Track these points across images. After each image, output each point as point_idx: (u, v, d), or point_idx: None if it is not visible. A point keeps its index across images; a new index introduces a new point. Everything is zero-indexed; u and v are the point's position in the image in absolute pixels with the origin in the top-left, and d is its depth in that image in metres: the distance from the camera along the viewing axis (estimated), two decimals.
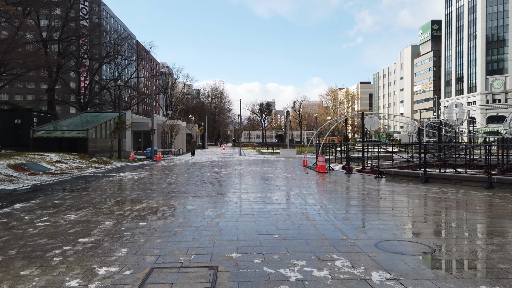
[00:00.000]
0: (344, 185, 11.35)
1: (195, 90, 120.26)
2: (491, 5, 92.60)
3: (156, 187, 11.02)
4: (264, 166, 19.78)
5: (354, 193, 9.71)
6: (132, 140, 36.65)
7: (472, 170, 15.02)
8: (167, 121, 37.99)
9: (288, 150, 30.77)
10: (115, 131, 23.30)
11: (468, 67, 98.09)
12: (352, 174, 14.86)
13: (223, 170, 17.43)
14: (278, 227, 5.83)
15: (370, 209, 7.37)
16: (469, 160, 27.30)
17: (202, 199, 8.64)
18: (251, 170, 17.49)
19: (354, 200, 8.62)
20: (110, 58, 38.99)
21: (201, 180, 12.95)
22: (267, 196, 9.16)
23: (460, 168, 14.18)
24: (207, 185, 11.49)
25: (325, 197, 8.99)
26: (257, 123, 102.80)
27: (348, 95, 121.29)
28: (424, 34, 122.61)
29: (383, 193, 9.64)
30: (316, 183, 11.98)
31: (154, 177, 13.91)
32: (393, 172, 12.79)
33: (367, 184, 11.51)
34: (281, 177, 14.02)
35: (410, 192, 9.71)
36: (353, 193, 9.71)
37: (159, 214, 6.93)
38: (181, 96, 65.22)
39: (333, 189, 10.48)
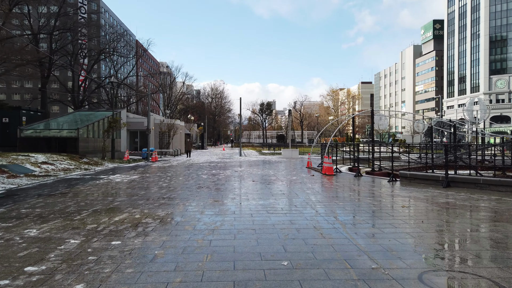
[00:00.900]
0: (356, 190, 10.11)
1: (195, 90, 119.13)
2: (494, 4, 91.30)
3: (145, 192, 9.78)
4: (265, 168, 18.54)
5: (369, 200, 8.46)
6: (128, 140, 35.43)
7: (487, 172, 13.79)
8: (165, 120, 36.76)
9: (290, 151, 29.53)
10: (108, 131, 22.06)
11: (471, 67, 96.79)
12: (361, 177, 13.62)
13: (222, 172, 16.19)
14: (287, 249, 4.59)
15: (395, 222, 6.12)
16: (480, 161, 26.08)
17: (195, 208, 7.40)
18: (251, 172, 16.26)
19: (372, 209, 7.38)
20: (106, 55, 37.70)
21: (196, 183, 11.71)
22: (270, 204, 7.92)
23: (474, 170, 12.94)
24: (202, 189, 10.25)
25: (338, 205, 7.75)
26: (258, 123, 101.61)
27: (349, 95, 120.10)
28: (426, 33, 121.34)
29: (403, 200, 8.39)
30: (324, 188, 10.74)
31: (146, 180, 12.67)
32: (409, 175, 11.54)
33: (381, 189, 10.26)
34: (284, 180, 12.78)
35: (434, 199, 8.47)
36: (368, 200, 8.47)
37: (140, 228, 5.69)
38: (180, 96, 63.95)
39: (345, 195, 9.23)
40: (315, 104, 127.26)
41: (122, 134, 29.38)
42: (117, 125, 22.36)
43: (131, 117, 35.49)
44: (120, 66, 47.42)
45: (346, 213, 6.86)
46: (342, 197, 8.98)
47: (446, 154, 10.30)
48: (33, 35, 28.52)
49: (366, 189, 10.26)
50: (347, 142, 39.09)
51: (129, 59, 46.27)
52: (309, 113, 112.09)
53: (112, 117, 22.62)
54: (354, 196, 9.09)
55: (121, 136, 29.04)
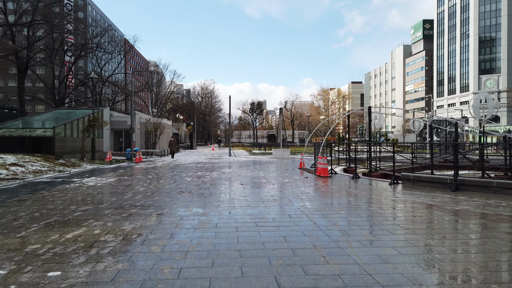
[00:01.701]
0: (356, 195, 9.01)
1: (185, 90, 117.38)
2: (483, 4, 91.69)
3: (116, 198, 8.54)
4: (255, 169, 17.39)
5: (374, 207, 7.37)
6: (112, 140, 33.94)
7: (491, 172, 12.88)
8: (151, 119, 35.32)
9: (281, 151, 28.43)
10: (87, 130, 20.63)
11: (461, 67, 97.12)
12: (359, 179, 12.56)
13: (208, 174, 14.98)
14: (281, 282, 3.44)
15: (412, 238, 5.02)
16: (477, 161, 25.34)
17: (170, 219, 6.21)
18: (240, 173, 15.09)
19: (379, 220, 6.28)
20: (88, 50, 35.98)
21: (178, 187, 10.49)
22: (260, 213, 6.77)
23: (481, 171, 12.00)
24: (183, 195, 9.05)
25: (339, 214, 6.63)
26: (248, 123, 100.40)
27: (339, 95, 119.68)
28: (416, 33, 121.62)
29: (413, 207, 7.32)
30: (321, 192, 9.63)
31: (122, 184, 11.40)
32: (413, 178, 10.50)
33: (384, 194, 9.19)
34: (276, 183, 11.64)
35: (447, 205, 7.42)
36: (373, 207, 7.38)
37: (94, 250, 4.48)
38: (168, 94, 62.26)
39: (345, 202, 8.12)
40: (305, 104, 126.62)
41: (105, 134, 27.94)
42: (97, 123, 20.95)
43: (115, 116, 34.01)
44: (105, 63, 45.64)
45: (351, 226, 5.73)
46: (342, 204, 7.86)
47: (456, 153, 9.27)
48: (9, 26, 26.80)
49: (367, 194, 9.17)
50: (339, 141, 38.16)
51: (115, 55, 44.54)
52: (300, 112, 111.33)
53: (92, 115, 21.17)
54: (355, 202, 7.99)
55: (104, 136, 27.60)
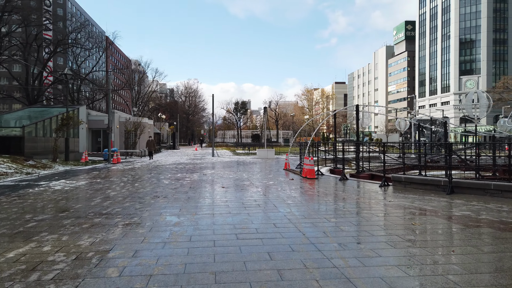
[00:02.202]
0: (345, 199, 8.35)
1: (168, 89, 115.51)
2: (464, 6, 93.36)
3: (81, 205, 7.63)
4: (239, 170, 16.61)
5: (367, 213, 6.71)
6: (90, 140, 32.56)
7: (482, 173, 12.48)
8: (131, 118, 34.06)
9: (266, 151, 27.73)
10: (60, 129, 19.41)
11: (442, 67, 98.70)
12: (347, 180, 11.94)
13: (188, 176, 14.12)
14: None
15: (416, 252, 4.35)
16: (460, 161, 25.15)
17: (137, 231, 5.38)
18: (223, 175, 14.28)
19: (375, 229, 5.61)
20: (64, 46, 34.34)
21: (153, 191, 9.62)
22: (242, 221, 6.01)
23: (476, 172, 11.57)
24: (158, 200, 8.20)
25: (330, 223, 5.93)
26: (232, 123, 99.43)
27: (323, 95, 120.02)
28: (398, 34, 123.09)
29: (409, 213, 6.69)
30: (308, 196, 8.93)
31: (93, 188, 10.44)
32: (404, 179, 9.93)
33: (375, 197, 8.57)
34: (260, 185, 10.89)
35: (445, 210, 6.83)
36: (366, 213, 6.72)
37: (34, 276, 3.63)
38: (150, 93, 60.64)
39: (334, 207, 7.44)
40: (290, 104, 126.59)
41: (81, 133, 26.64)
42: (71, 122, 19.75)
43: (93, 115, 32.65)
44: (84, 60, 43.85)
45: (345, 238, 5.03)
46: (332, 210, 7.17)
47: (450, 154, 8.73)
48: None
49: (357, 198, 8.52)
50: (323, 141, 37.74)
51: (93, 52, 42.86)
52: (284, 112, 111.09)
53: (65, 114, 19.95)
54: (346, 208, 7.31)
55: (80, 136, 26.30)
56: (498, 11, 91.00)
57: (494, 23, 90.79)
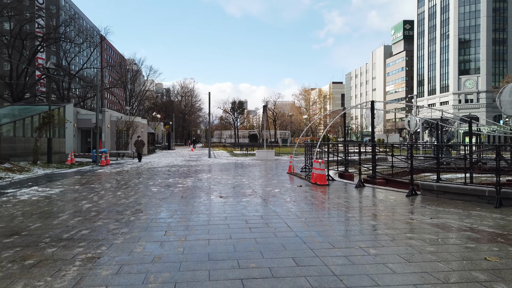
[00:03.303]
0: (375, 216, 6.76)
1: (164, 89, 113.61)
2: (463, 5, 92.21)
3: (39, 225, 5.96)
4: (237, 174, 14.97)
5: (411, 239, 5.11)
6: (79, 140, 30.82)
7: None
8: (123, 117, 32.30)
9: (266, 152, 26.11)
10: (41, 128, 17.67)
11: (441, 67, 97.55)
12: (364, 187, 10.35)
13: (181, 181, 12.47)
14: None
15: None
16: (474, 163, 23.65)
17: (97, 275, 3.73)
18: (220, 180, 12.65)
19: (440, 268, 4.00)
20: (51, 41, 32.44)
21: (136, 203, 7.97)
22: (249, 254, 4.38)
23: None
24: (139, 217, 6.56)
25: (369, 257, 4.31)
26: (229, 123, 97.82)
27: (321, 95, 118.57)
28: (396, 33, 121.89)
29: (464, 238, 5.10)
30: (326, 211, 7.32)
31: (64, 198, 8.77)
32: (437, 188, 8.34)
33: (409, 211, 6.98)
34: (264, 195, 9.27)
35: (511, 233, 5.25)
36: (409, 239, 5.12)
37: None
38: (144, 91, 58.67)
39: (364, 228, 5.83)
40: (287, 104, 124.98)
41: (67, 133, 24.87)
42: (53, 121, 18.02)
43: (82, 114, 30.87)
44: (74, 56, 41.90)
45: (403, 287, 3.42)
46: (364, 232, 5.55)
47: (498, 158, 7.14)
48: None
49: (388, 213, 6.93)
50: (326, 142, 36.13)
51: (84, 48, 40.94)
52: (282, 112, 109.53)
53: (47, 112, 18.20)
54: (381, 229, 5.70)
55: (67, 135, 24.54)
56: (498, 10, 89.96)
57: (493, 23, 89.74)
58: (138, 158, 24.53)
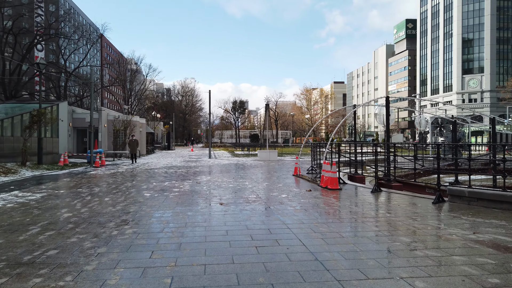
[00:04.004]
0: (402, 228, 5.70)
1: (165, 88, 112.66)
2: (467, 3, 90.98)
3: (3, 240, 4.92)
4: (239, 176, 13.91)
5: (463, 265, 4.05)
6: (75, 140, 29.80)
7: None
8: (120, 116, 31.27)
9: (268, 152, 25.04)
10: (30, 127, 16.62)
11: (444, 66, 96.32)
12: (380, 192, 9.28)
13: (178, 185, 11.41)
14: None
15: None
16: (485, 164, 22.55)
17: None
18: (220, 183, 11.59)
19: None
20: (46, 37, 31.38)
21: (123, 212, 6.91)
22: (255, 284, 3.34)
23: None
24: (123, 230, 5.51)
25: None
26: (230, 123, 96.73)
27: (322, 95, 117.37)
28: (398, 33, 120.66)
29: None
30: (345, 224, 6.24)
31: (43, 205, 7.72)
32: (469, 194, 7.28)
33: (443, 223, 5.92)
34: (270, 201, 8.21)
35: None
36: (460, 265, 4.06)
37: None
38: (143, 90, 57.49)
39: (397, 248, 4.77)
40: (288, 104, 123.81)
41: (61, 132, 23.83)
42: (43, 119, 16.97)
43: (79, 112, 29.85)
44: (71, 53, 40.82)
45: None
46: (399, 254, 4.49)
47: None
48: None
49: (417, 225, 5.85)
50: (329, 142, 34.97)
51: (80, 45, 39.83)
52: (283, 112, 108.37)
53: (37, 110, 17.14)
54: (419, 249, 4.63)
55: (61, 135, 23.49)
56: (502, 9, 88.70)
57: (497, 21, 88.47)
58: (132, 159, 22.83)
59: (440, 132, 24.04)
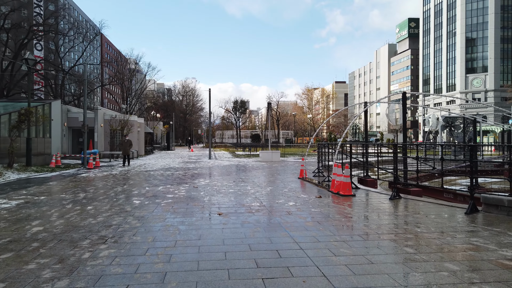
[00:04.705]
0: (444, 251, 4.64)
1: (166, 88, 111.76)
2: (470, 2, 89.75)
3: None
4: (240, 179, 12.86)
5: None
6: (70, 140, 28.81)
7: None
8: (117, 116, 30.24)
9: (270, 152, 23.98)
10: (18, 127, 15.59)
11: (447, 65, 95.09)
12: (400, 199, 8.22)
13: (173, 189, 10.36)
14: None
15: None
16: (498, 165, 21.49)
17: None
18: (220, 188, 10.53)
19: None
20: (37, 33, 30.35)
21: (105, 225, 5.87)
22: None
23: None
24: (96, 253, 4.46)
25: None
26: (231, 123, 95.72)
27: (324, 94, 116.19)
28: (401, 32, 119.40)
29: None
30: (371, 242, 5.19)
31: (15, 216, 6.67)
32: (508, 203, 6.21)
33: (486, 241, 4.87)
34: (276, 211, 7.15)
35: None
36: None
37: None
38: (143, 88, 56.33)
39: (451, 281, 3.72)
40: (289, 104, 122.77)
41: (54, 132, 22.84)
42: (32, 119, 15.94)
43: (74, 112, 28.84)
44: (68, 50, 39.72)
45: None
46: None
47: None
48: None
49: (461, 245, 4.81)
50: (330, 142, 33.97)
51: (77, 43, 38.76)
52: (285, 112, 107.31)
53: (25, 109, 16.11)
54: (479, 286, 3.59)
55: (53, 135, 22.50)
56: (506, 8, 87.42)
57: (502, 20, 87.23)
58: (124, 161, 20.61)
59: (450, 131, 22.96)
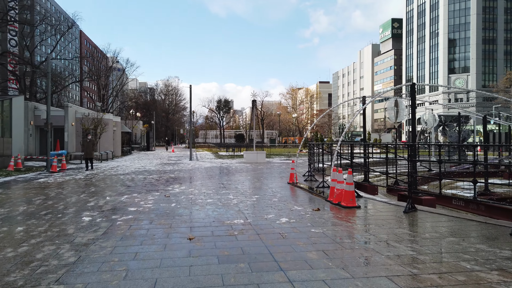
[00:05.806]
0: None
1: (148, 88, 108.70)
2: (453, 3, 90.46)
3: None
4: (222, 185, 11.16)
5: None
6: (38, 141, 26.51)
7: None
8: (90, 114, 28.01)
9: (255, 153, 22.35)
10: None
11: (430, 66, 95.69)
12: (416, 212, 6.71)
13: (139, 200, 8.58)
14: None
15: None
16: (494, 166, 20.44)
17: None
18: (196, 198, 8.81)
19: None
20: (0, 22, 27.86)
21: (19, 263, 4.10)
22: None
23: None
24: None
25: None
26: (215, 122, 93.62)
27: (308, 94, 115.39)
28: (384, 32, 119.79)
29: None
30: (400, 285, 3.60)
31: None
32: None
33: None
34: (265, 232, 5.50)
35: None
36: None
37: None
38: (121, 85, 53.76)
39: None
40: (273, 104, 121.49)
41: (16, 132, 20.60)
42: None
43: (42, 109, 26.50)
44: (37, 44, 36.96)
45: None
46: None
47: None
48: None
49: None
50: (321, 142, 32.65)
51: (48, 35, 36.05)
52: (269, 112, 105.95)
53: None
54: None
55: (14, 134, 20.27)
56: (487, 9, 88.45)
57: (483, 21, 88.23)
58: (87, 164, 17.57)
59: (443, 131, 21.87)
